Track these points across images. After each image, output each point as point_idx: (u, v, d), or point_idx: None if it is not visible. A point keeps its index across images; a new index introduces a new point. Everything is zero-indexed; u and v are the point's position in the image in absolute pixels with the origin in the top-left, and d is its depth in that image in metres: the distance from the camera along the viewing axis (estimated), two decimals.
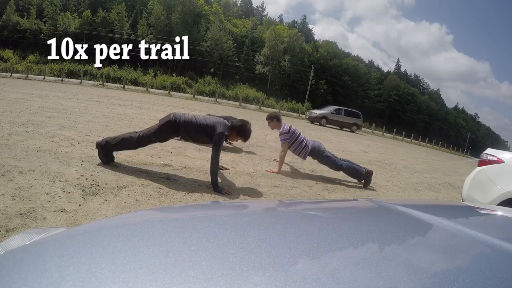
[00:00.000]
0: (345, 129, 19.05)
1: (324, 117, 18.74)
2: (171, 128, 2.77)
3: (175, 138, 2.89)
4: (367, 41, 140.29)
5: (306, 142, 4.00)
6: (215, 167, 2.67)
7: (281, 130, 3.95)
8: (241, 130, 2.85)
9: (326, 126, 18.16)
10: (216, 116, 4.05)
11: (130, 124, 5.60)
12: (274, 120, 3.99)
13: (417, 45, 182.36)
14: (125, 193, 2.29)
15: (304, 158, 4.04)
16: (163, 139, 2.92)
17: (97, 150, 2.85)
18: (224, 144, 4.62)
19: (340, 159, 4.05)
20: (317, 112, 19.49)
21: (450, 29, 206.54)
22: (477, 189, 2.87)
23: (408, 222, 0.71)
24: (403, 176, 5.92)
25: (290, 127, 3.97)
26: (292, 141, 3.93)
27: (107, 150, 2.83)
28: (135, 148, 2.93)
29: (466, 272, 0.48)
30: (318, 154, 3.99)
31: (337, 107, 20.36)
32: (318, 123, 18.33)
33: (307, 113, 21.26)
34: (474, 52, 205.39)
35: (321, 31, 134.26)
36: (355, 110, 20.45)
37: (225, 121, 2.84)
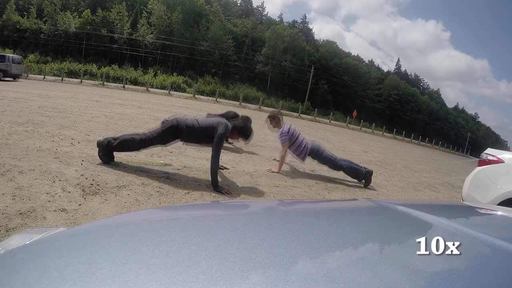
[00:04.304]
0: None
1: None
2: (174, 133, 2.80)
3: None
4: (364, 40, 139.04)
5: (306, 143, 4.01)
6: (215, 166, 2.67)
7: (280, 130, 3.96)
8: (243, 131, 2.89)
9: None
10: (217, 115, 4.04)
11: (130, 124, 5.60)
12: (276, 119, 4.02)
13: (413, 43, 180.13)
14: (125, 193, 2.29)
15: (304, 159, 4.05)
16: (165, 143, 2.94)
17: (97, 148, 2.85)
18: (225, 144, 4.62)
19: (340, 159, 4.07)
20: None
21: (447, 26, 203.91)
22: (477, 189, 2.87)
23: (408, 222, 0.71)
24: (403, 176, 5.92)
25: (289, 128, 3.98)
26: (291, 142, 3.94)
27: (108, 150, 2.83)
28: (137, 150, 2.94)
29: (466, 272, 0.48)
30: (318, 154, 4.01)
31: None
32: None
33: None
34: (472, 49, 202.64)
35: (318, 30, 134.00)
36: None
37: (227, 121, 2.84)
